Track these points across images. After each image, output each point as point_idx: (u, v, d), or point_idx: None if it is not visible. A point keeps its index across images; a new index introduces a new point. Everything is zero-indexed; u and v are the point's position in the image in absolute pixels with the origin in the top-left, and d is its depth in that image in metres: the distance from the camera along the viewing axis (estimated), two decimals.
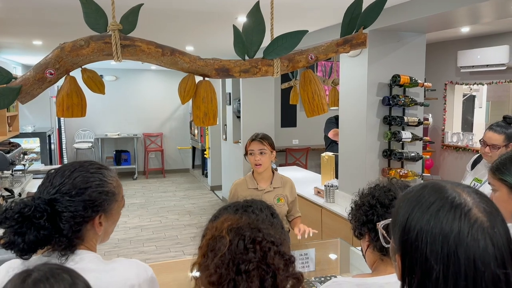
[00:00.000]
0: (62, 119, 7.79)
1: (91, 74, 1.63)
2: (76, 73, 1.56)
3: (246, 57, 1.82)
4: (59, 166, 1.19)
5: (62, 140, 7.86)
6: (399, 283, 1.15)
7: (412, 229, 0.66)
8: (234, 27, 1.69)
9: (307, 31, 1.75)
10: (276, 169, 2.99)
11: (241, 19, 3.41)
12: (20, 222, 1.03)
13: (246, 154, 2.69)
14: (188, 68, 1.77)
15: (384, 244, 0.87)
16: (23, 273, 0.74)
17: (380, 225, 0.88)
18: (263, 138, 2.65)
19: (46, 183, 1.13)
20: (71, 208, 1.08)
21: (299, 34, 1.75)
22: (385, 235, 0.84)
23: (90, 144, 8.91)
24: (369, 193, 1.31)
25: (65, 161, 8.19)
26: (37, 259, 1.09)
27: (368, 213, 1.25)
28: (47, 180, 1.14)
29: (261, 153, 2.60)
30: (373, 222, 1.23)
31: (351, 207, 1.35)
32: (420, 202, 0.68)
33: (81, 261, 1.09)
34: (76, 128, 9.03)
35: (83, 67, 1.61)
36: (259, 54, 1.79)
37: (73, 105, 1.59)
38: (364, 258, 1.33)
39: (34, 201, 1.05)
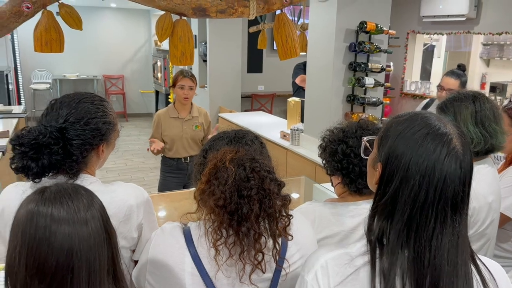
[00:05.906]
0: (17, 58, 7.40)
1: (69, 9, 1.63)
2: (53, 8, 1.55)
3: None
4: (59, 97, 1.24)
5: (19, 80, 7.51)
6: (364, 208, 1.31)
7: (401, 146, 0.83)
8: None
9: None
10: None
11: None
12: (35, 148, 1.10)
13: (173, 86, 3.06)
14: (165, 6, 1.78)
15: (362, 155, 1.05)
16: (40, 188, 0.81)
17: (365, 139, 1.06)
18: (193, 76, 3.07)
19: (53, 113, 1.19)
20: (82, 136, 1.18)
21: None
22: (368, 147, 1.01)
23: (48, 85, 8.55)
24: (342, 139, 1.34)
25: (23, 102, 7.89)
26: (43, 182, 1.16)
27: (343, 162, 1.31)
28: (53, 110, 1.20)
29: (190, 88, 3.04)
30: (347, 169, 1.31)
31: (323, 148, 1.40)
32: (411, 126, 0.84)
33: (84, 184, 1.18)
34: (32, 68, 8.58)
35: (60, 1, 1.59)
36: None
37: (51, 40, 1.59)
38: (333, 188, 1.45)
39: (47, 129, 1.12)
